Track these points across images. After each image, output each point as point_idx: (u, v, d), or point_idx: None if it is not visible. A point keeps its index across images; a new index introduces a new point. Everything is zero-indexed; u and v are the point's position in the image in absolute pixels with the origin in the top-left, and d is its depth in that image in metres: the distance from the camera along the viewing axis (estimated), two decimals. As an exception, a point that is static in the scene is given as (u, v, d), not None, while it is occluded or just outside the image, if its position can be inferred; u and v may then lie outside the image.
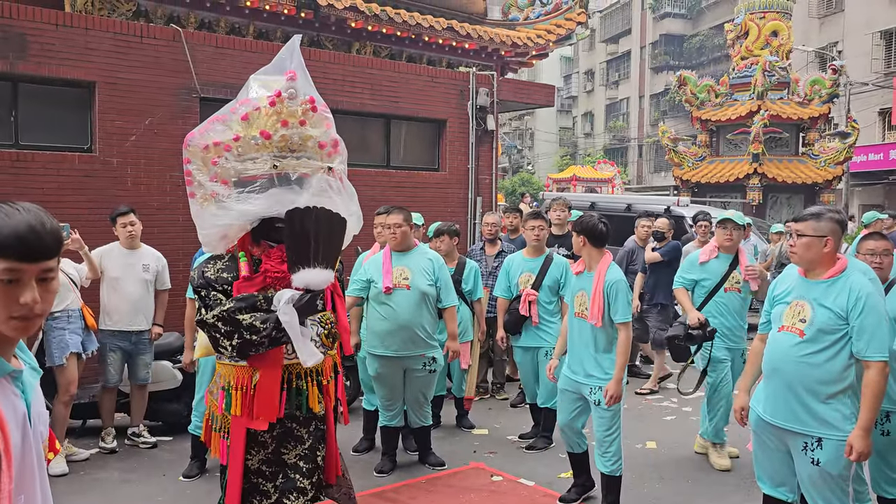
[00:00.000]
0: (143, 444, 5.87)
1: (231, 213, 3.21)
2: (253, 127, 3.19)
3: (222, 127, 3.24)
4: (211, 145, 3.23)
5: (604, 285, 4.37)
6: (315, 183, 3.31)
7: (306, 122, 3.26)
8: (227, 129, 3.21)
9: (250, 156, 3.18)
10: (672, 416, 6.92)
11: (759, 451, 3.63)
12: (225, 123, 3.23)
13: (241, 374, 3.21)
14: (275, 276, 3.21)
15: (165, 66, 7.62)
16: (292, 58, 3.36)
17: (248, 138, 3.18)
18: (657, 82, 39.40)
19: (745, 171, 18.34)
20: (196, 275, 3.25)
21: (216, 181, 3.25)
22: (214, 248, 3.33)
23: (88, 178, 7.20)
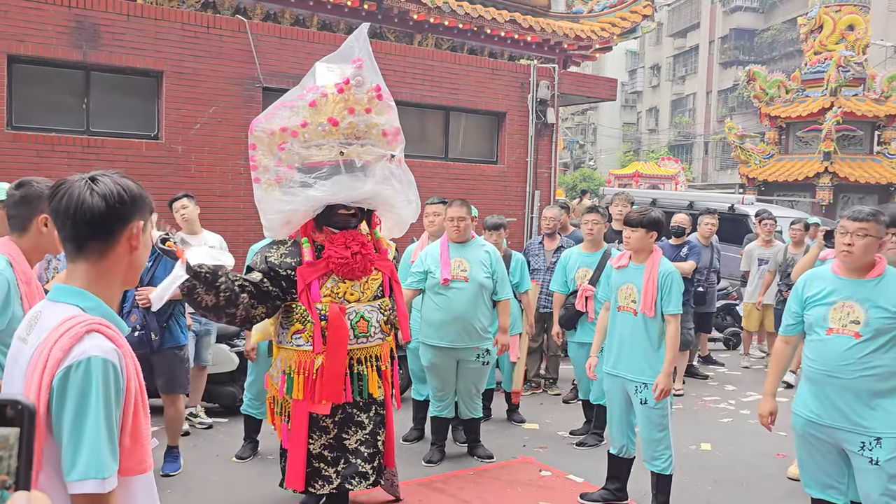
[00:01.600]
0: (199, 425, 6.02)
1: (296, 198, 3.24)
2: (321, 113, 3.20)
3: (289, 113, 3.26)
4: (277, 131, 3.25)
5: (658, 275, 4.27)
6: (378, 171, 3.33)
7: (372, 110, 3.27)
8: (295, 115, 3.23)
9: (316, 142, 3.21)
10: (729, 419, 6.75)
11: (806, 455, 3.52)
12: (292, 109, 3.25)
13: (302, 359, 3.27)
14: (338, 262, 3.26)
15: (230, 56, 7.79)
16: (360, 46, 3.39)
17: (315, 125, 3.19)
18: (725, 78, 38.39)
19: (815, 170, 17.74)
20: (259, 259, 3.30)
21: (281, 166, 3.30)
22: (277, 233, 3.38)
23: (154, 164, 7.42)
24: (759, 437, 6.16)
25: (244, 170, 7.92)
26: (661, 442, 4.32)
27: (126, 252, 1.59)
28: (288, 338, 3.37)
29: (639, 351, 4.32)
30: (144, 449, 1.52)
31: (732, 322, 10.35)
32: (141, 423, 1.52)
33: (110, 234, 1.56)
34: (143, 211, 1.62)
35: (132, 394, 1.50)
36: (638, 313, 4.31)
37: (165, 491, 4.70)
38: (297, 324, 3.32)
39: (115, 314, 1.59)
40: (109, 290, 1.60)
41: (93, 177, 1.57)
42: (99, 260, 1.57)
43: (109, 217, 1.54)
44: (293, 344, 3.27)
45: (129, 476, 1.51)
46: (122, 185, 1.57)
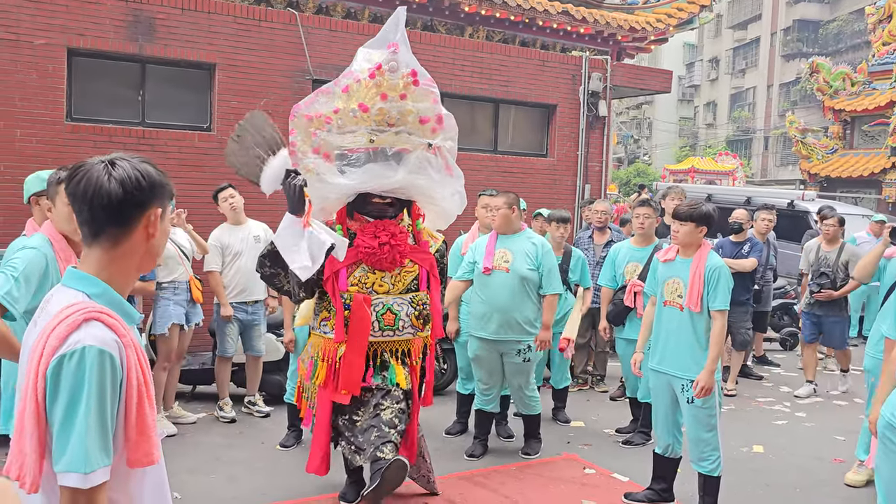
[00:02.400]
0: (257, 413, 6.09)
1: (329, 185, 3.22)
2: (352, 99, 3.16)
3: (325, 99, 3.25)
4: (314, 117, 3.24)
5: (705, 269, 4.15)
6: (413, 159, 3.24)
7: (407, 96, 3.19)
8: (329, 102, 3.23)
9: (349, 129, 3.18)
10: (783, 421, 6.53)
11: (884, 461, 3.30)
12: (328, 95, 3.24)
13: (328, 346, 3.28)
14: (366, 252, 3.23)
15: (281, 48, 7.85)
16: (396, 30, 3.33)
17: (346, 111, 3.16)
18: (787, 71, 37.24)
19: (881, 166, 17.05)
20: None
21: (318, 154, 3.27)
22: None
23: (206, 155, 7.53)
24: (815, 441, 5.95)
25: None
26: (708, 443, 4.19)
27: (143, 239, 1.56)
28: (317, 324, 3.39)
29: (685, 347, 4.20)
30: (151, 441, 1.50)
31: (790, 322, 10.02)
32: (146, 416, 1.49)
33: (127, 220, 1.53)
34: (163, 197, 1.58)
35: (133, 385, 1.47)
36: (684, 308, 4.19)
37: (210, 476, 4.78)
38: (324, 311, 3.33)
39: (125, 302, 1.56)
40: (122, 277, 1.57)
41: (111, 160, 1.54)
42: (114, 246, 1.54)
43: (126, 203, 1.52)
44: (321, 330, 3.28)
45: (138, 468, 1.49)
46: (140, 171, 1.54)
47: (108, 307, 1.50)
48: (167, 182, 1.60)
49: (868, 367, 4.96)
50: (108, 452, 1.42)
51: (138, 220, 1.54)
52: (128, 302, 1.59)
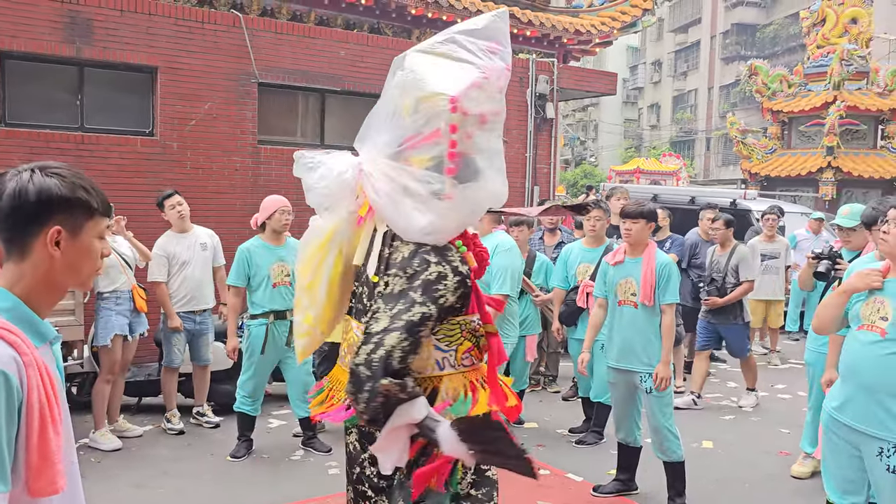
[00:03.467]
0: (206, 424, 5.95)
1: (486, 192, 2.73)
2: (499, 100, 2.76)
3: (481, 95, 2.70)
4: (475, 115, 2.70)
5: (656, 266, 4.38)
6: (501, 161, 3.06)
7: None
8: (488, 99, 2.71)
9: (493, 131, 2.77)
10: (731, 416, 6.66)
11: (829, 454, 3.39)
12: (480, 91, 2.69)
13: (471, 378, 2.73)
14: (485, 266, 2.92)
15: (225, 51, 7.70)
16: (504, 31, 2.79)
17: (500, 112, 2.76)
18: (727, 73, 38.25)
19: (818, 165, 17.62)
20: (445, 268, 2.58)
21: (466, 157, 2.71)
22: (444, 237, 2.68)
23: (149, 161, 7.35)
24: (762, 435, 6.09)
25: (240, 166, 7.85)
26: (669, 429, 4.40)
27: (45, 257, 1.47)
28: (457, 360, 2.70)
29: (643, 342, 4.41)
30: (55, 468, 1.40)
31: (734, 318, 10.23)
32: (50, 441, 1.39)
33: (21, 234, 1.45)
34: (70, 214, 1.48)
35: (35, 408, 1.37)
36: (639, 305, 4.40)
37: (157, 490, 4.64)
38: (465, 342, 2.70)
39: (37, 319, 1.47)
40: (39, 294, 1.49)
41: (20, 171, 1.46)
42: (19, 261, 1.47)
43: (13, 217, 1.44)
44: (462, 366, 2.68)
45: (40, 497, 1.39)
46: (36, 184, 1.45)
47: (14, 323, 1.41)
48: (79, 197, 1.49)
49: (809, 360, 5.11)
50: (5, 479, 1.32)
51: (35, 235, 1.45)
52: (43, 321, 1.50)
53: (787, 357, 9.13)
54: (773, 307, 8.65)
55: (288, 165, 8.78)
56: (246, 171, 7.88)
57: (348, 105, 8.76)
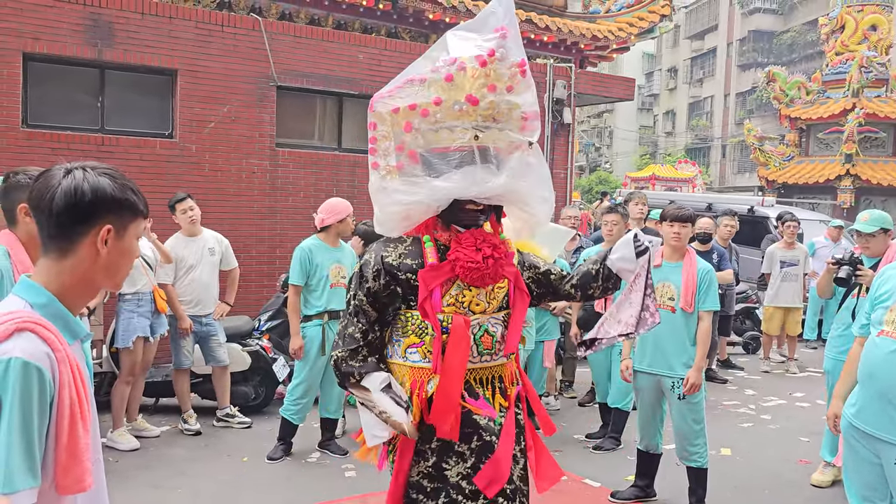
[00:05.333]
0: (238, 425, 5.97)
1: (420, 189, 2.73)
2: (458, 90, 2.68)
3: (419, 88, 2.74)
4: (404, 108, 2.73)
5: (697, 272, 4.36)
6: (515, 161, 2.78)
7: (513, 89, 2.75)
8: (426, 91, 2.72)
9: (448, 124, 2.70)
10: (749, 424, 6.61)
11: (850, 460, 3.36)
12: (423, 84, 2.73)
13: (417, 377, 2.77)
14: (468, 267, 2.71)
15: (245, 54, 7.75)
16: (504, 12, 2.79)
17: (450, 103, 2.68)
18: (744, 80, 38.06)
19: (836, 173, 17.51)
20: (372, 258, 2.79)
21: (404, 151, 2.78)
22: (392, 229, 2.86)
23: (169, 163, 7.39)
24: (781, 443, 6.03)
25: (257, 169, 7.88)
26: (698, 434, 4.38)
27: (91, 255, 1.49)
28: (401, 352, 2.81)
29: (677, 347, 4.38)
30: (83, 466, 1.40)
31: (752, 326, 10.18)
32: (79, 438, 1.39)
33: (71, 233, 1.47)
34: (119, 214, 1.51)
35: (66, 404, 1.38)
36: (676, 310, 4.37)
37: (175, 490, 4.65)
38: (412, 336, 2.78)
39: (70, 316, 1.49)
40: (75, 291, 1.50)
41: (71, 168, 1.47)
42: (61, 258, 1.48)
43: (68, 215, 1.45)
44: (407, 360, 2.77)
45: (67, 494, 1.39)
46: (91, 184, 1.46)
47: (49, 319, 1.42)
48: (128, 198, 1.51)
49: (828, 368, 5.07)
50: (35, 473, 1.32)
51: (84, 234, 1.47)
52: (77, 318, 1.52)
53: (805, 365, 9.04)
54: (791, 315, 8.58)
55: (305, 168, 8.88)
56: (264, 174, 7.92)
57: (366, 109, 8.77)
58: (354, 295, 2.80)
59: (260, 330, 6.71)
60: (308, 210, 7.81)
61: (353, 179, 8.42)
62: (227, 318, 6.14)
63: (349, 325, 2.80)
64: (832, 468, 5.07)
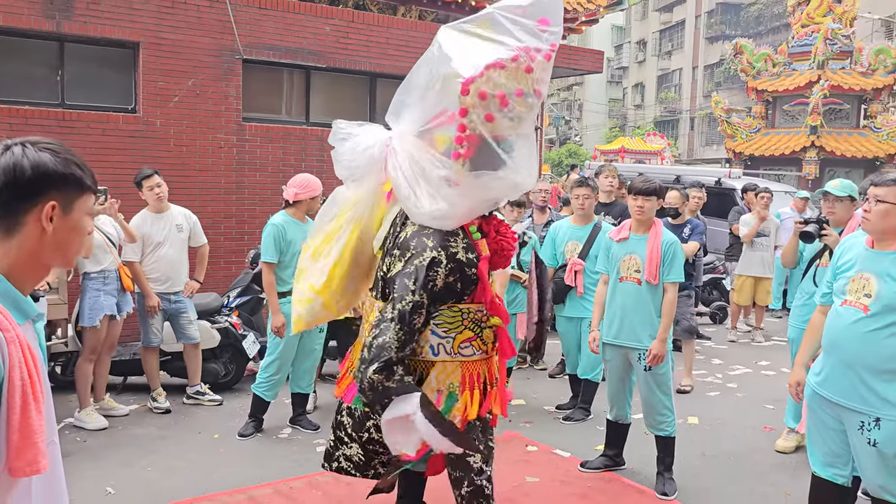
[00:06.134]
0: (208, 402, 5.94)
1: (500, 183, 2.61)
2: (531, 81, 2.62)
3: (502, 74, 2.59)
4: (494, 97, 2.57)
5: (661, 244, 4.39)
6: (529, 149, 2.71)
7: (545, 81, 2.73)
8: (509, 80, 2.59)
9: (517, 113, 2.61)
10: (716, 392, 6.73)
11: (814, 428, 3.44)
12: (504, 71, 2.59)
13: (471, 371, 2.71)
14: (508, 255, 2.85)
15: (209, 27, 7.59)
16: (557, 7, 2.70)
17: (528, 95, 2.61)
18: (711, 53, 38.26)
19: (801, 144, 17.74)
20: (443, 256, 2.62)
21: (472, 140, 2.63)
22: (453, 223, 2.68)
23: (132, 138, 7.25)
24: (747, 411, 6.16)
25: (224, 144, 7.76)
26: (665, 405, 4.44)
27: (36, 232, 1.44)
28: (453, 348, 2.68)
29: (643, 319, 4.41)
30: (37, 448, 1.37)
31: (719, 296, 10.33)
32: (32, 419, 1.36)
33: (13, 210, 1.42)
34: (63, 190, 1.46)
35: (16, 385, 1.35)
36: (642, 282, 4.41)
37: (146, 469, 4.62)
38: (467, 330, 2.68)
39: (20, 296, 1.45)
40: (23, 269, 1.46)
41: (8, 146, 1.43)
42: (6, 237, 1.44)
43: (9, 193, 1.41)
44: (460, 355, 2.66)
45: (20, 477, 1.36)
46: (30, 159, 1.42)
47: None
48: (73, 173, 1.47)
49: (792, 337, 5.17)
50: None
51: (27, 212, 1.43)
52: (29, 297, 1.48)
53: (770, 334, 9.22)
54: (761, 284, 8.72)
55: (273, 143, 8.75)
56: (230, 149, 7.80)
57: (334, 82, 8.68)
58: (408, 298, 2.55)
59: (229, 306, 6.65)
60: (276, 185, 7.73)
61: (322, 154, 8.33)
62: (197, 294, 6.07)
63: (385, 333, 2.54)
64: (795, 434, 5.20)
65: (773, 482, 4.66)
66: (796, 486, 4.46)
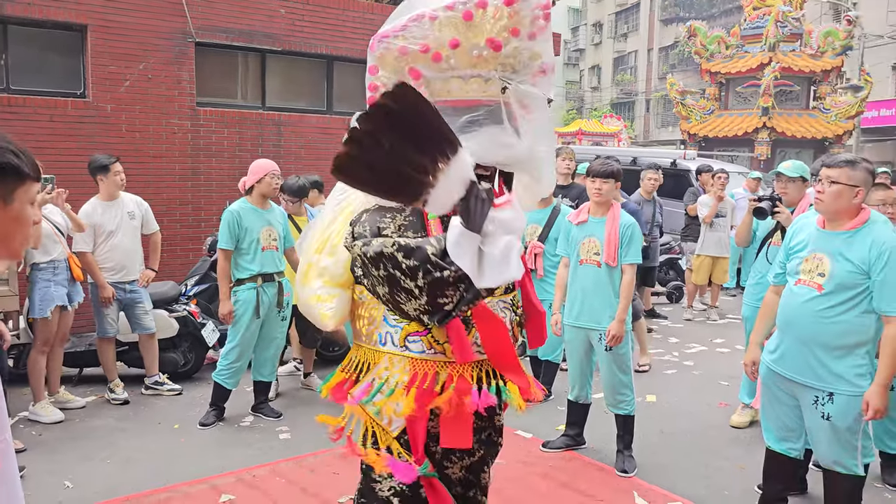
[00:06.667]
0: (168, 392, 5.86)
1: None
2: (477, 31, 2.24)
3: (428, 26, 2.26)
4: (414, 50, 2.26)
5: (619, 226, 4.42)
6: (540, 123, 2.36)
7: (536, 36, 2.29)
8: (439, 31, 2.25)
9: (462, 72, 2.24)
10: (673, 371, 6.87)
11: (768, 404, 3.55)
12: (434, 22, 2.26)
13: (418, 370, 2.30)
14: None
15: (159, 9, 7.41)
16: None
17: (468, 47, 2.23)
18: (666, 35, 38.65)
19: (753, 125, 18.08)
20: (366, 229, 2.24)
21: None
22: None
23: (82, 124, 7.06)
24: (703, 388, 6.30)
25: (178, 129, 7.61)
26: (625, 384, 4.51)
27: None
28: (399, 340, 2.34)
29: (603, 301, 4.46)
30: None
31: (675, 276, 10.52)
32: None
33: None
34: (1, 181, 1.43)
35: None
36: (602, 265, 4.45)
37: (105, 462, 4.55)
38: (414, 323, 2.29)
39: None
40: None
41: None
42: None
43: None
44: (407, 349, 2.32)
45: None
46: None
47: None
48: (9, 161, 1.43)
49: (746, 315, 5.29)
50: None
51: None
52: None
53: (725, 313, 9.43)
54: (718, 263, 8.90)
55: (229, 128, 8.59)
56: (185, 135, 7.65)
57: (290, 66, 8.56)
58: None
59: (187, 295, 6.56)
60: (233, 171, 7.62)
61: (279, 139, 8.23)
62: (153, 283, 5.96)
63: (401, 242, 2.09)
64: (749, 410, 5.34)
65: (729, 456, 4.79)
66: (750, 459, 4.58)
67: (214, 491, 4.12)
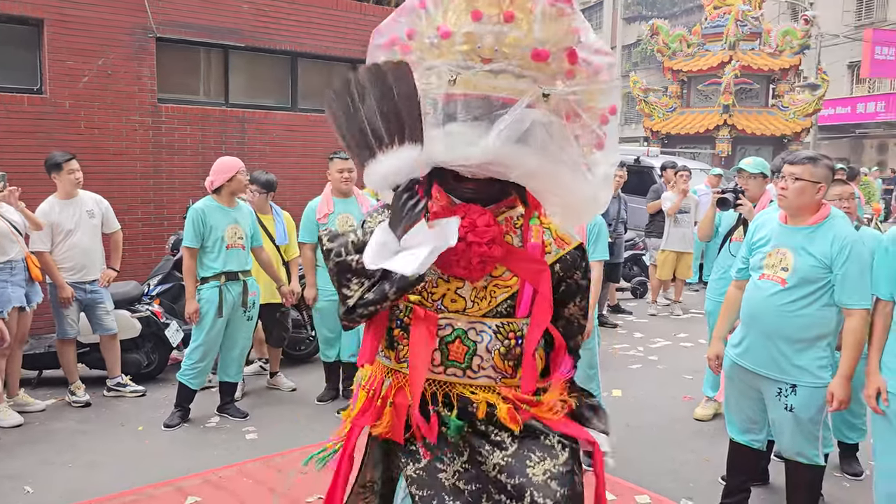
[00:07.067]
0: (130, 393, 5.75)
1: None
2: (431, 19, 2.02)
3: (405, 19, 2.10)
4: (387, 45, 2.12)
5: (586, 224, 4.42)
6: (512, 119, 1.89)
7: (515, 16, 1.92)
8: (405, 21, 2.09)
9: (429, 63, 2.00)
10: (638, 365, 6.95)
11: (731, 396, 3.62)
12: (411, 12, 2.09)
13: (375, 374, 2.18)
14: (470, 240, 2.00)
15: (119, 3, 7.26)
16: None
17: (422, 35, 2.03)
18: (629, 33, 39.04)
19: (714, 123, 18.34)
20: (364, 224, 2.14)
21: None
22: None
23: (39, 121, 6.90)
24: (667, 382, 6.38)
25: (139, 126, 7.48)
26: (592, 379, 4.54)
27: None
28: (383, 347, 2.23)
29: None
30: None
31: (639, 272, 10.65)
32: None
33: None
34: None
35: None
36: None
37: (67, 466, 4.46)
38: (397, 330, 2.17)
39: None
40: None
41: None
42: None
43: None
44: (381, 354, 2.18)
45: None
46: None
47: None
48: None
49: (709, 309, 5.37)
50: None
51: None
52: None
53: (689, 307, 9.57)
54: (683, 259, 9.02)
55: (192, 125, 8.47)
56: (146, 132, 7.52)
57: (254, 62, 8.46)
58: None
59: (150, 294, 6.45)
60: (196, 168, 7.52)
61: (243, 136, 8.14)
62: (115, 283, 5.85)
63: None
64: (713, 403, 5.43)
65: (693, 449, 4.86)
66: (714, 451, 4.66)
67: (180, 493, 4.06)
